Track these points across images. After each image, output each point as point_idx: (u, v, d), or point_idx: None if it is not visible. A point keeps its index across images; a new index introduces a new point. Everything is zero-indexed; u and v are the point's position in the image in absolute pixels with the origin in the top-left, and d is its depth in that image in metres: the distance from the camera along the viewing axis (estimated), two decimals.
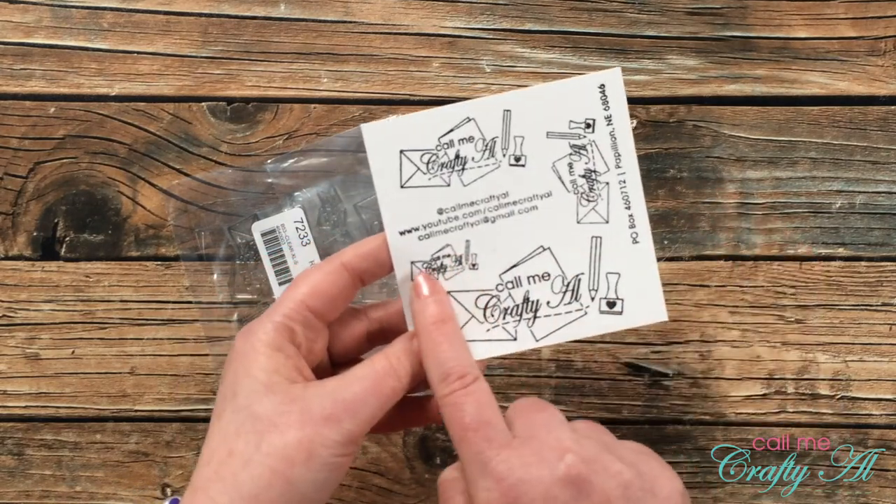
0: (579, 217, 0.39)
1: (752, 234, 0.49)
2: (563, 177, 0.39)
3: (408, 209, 0.39)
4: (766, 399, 0.49)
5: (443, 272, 0.40)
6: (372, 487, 0.49)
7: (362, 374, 0.36)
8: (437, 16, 0.50)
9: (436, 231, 0.39)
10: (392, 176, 0.39)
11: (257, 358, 0.36)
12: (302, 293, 0.37)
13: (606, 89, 0.39)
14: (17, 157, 0.50)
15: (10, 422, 0.49)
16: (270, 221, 0.48)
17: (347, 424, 0.35)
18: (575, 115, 0.39)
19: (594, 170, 0.39)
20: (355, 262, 0.38)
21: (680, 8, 0.50)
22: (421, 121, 0.39)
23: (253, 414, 0.35)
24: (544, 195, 0.39)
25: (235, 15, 0.50)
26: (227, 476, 0.34)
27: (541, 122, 0.39)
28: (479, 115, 0.39)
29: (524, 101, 0.39)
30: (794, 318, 0.49)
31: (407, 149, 0.39)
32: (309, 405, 0.35)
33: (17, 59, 0.50)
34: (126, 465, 0.49)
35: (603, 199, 0.39)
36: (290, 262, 0.48)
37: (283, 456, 0.34)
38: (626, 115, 0.39)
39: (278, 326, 0.36)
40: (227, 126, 0.50)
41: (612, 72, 0.39)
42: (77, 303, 0.49)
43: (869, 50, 0.50)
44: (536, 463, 0.32)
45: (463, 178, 0.39)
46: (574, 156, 0.39)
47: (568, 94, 0.39)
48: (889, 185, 0.49)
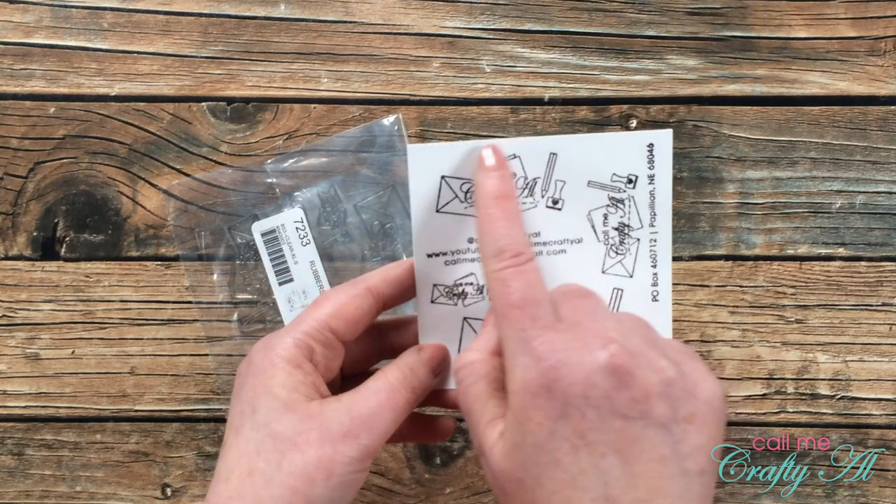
0: (605, 267, 0.40)
1: (752, 234, 0.49)
2: (597, 226, 0.40)
3: (439, 234, 0.39)
4: (766, 399, 0.49)
5: (463, 298, 0.40)
6: (372, 487, 0.49)
7: (377, 388, 0.36)
8: (437, 16, 0.50)
9: (462, 259, 0.40)
10: (429, 199, 0.39)
11: (276, 374, 0.35)
12: (326, 313, 0.37)
13: (655, 149, 0.39)
14: (17, 157, 0.50)
15: (10, 422, 0.49)
16: (270, 221, 0.48)
17: (364, 439, 0.35)
18: (619, 168, 0.40)
19: (628, 224, 0.40)
20: (381, 287, 0.38)
21: (680, 8, 0.50)
22: (467, 150, 0.39)
23: (273, 433, 0.34)
24: (575, 241, 0.40)
25: (235, 15, 0.50)
26: (247, 495, 0.34)
27: (584, 171, 0.39)
28: (525, 153, 0.39)
29: (572, 147, 0.39)
30: (794, 318, 0.49)
31: (449, 175, 0.39)
32: (327, 422, 0.35)
33: (17, 59, 0.50)
34: (126, 465, 0.49)
35: (631, 253, 0.40)
36: (290, 262, 0.48)
37: (303, 475, 0.34)
38: (669, 177, 0.39)
39: (298, 343, 0.36)
40: (227, 126, 0.50)
41: (663, 133, 0.39)
42: (77, 303, 0.49)
43: (869, 50, 0.50)
44: (580, 348, 0.31)
45: None
46: (611, 208, 0.40)
47: (616, 147, 0.39)
48: (889, 185, 0.49)
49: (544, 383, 0.31)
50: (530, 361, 0.31)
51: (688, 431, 0.31)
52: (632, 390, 0.30)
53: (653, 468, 0.30)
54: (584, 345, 0.31)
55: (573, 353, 0.31)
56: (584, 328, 0.32)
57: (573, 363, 0.31)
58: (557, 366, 0.31)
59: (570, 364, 0.31)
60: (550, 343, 0.32)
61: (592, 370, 0.31)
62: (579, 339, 0.32)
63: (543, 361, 0.31)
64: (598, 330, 0.32)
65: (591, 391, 0.30)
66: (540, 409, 0.31)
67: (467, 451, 0.49)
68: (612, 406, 0.30)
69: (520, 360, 0.32)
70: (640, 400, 0.30)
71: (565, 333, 0.32)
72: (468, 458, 0.49)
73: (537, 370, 0.31)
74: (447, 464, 0.49)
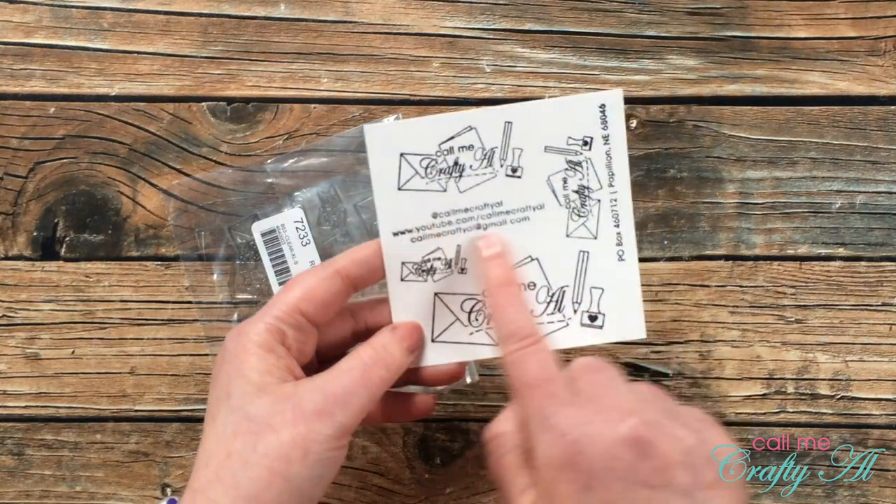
0: (569, 231, 0.40)
1: (752, 234, 0.49)
2: (557, 191, 0.40)
3: (403, 211, 0.40)
4: (766, 399, 0.49)
5: (432, 274, 0.40)
6: (372, 487, 0.49)
7: (350, 366, 0.37)
8: (437, 16, 0.50)
9: (428, 234, 0.40)
10: (390, 177, 0.40)
11: (248, 358, 0.36)
12: (295, 297, 0.37)
13: (606, 109, 0.40)
14: (17, 157, 0.50)
15: (10, 422, 0.49)
16: (270, 221, 0.48)
17: (339, 417, 0.35)
18: (573, 132, 0.40)
19: (587, 186, 0.40)
20: (350, 268, 0.39)
21: (680, 8, 0.50)
22: (423, 126, 0.40)
23: (248, 415, 0.35)
24: (537, 207, 0.40)
25: (235, 15, 0.50)
26: (226, 477, 0.34)
27: (540, 137, 0.40)
28: (480, 124, 0.40)
29: (526, 114, 0.40)
30: (794, 318, 0.49)
31: (407, 152, 0.40)
32: (301, 402, 0.35)
33: (17, 59, 0.50)
34: (126, 465, 0.49)
35: (593, 215, 0.40)
36: (290, 262, 0.48)
37: (279, 455, 0.34)
38: (623, 136, 0.40)
39: (270, 328, 0.37)
40: (227, 126, 0.50)
41: (613, 92, 0.40)
42: (77, 303, 0.49)
43: (869, 50, 0.50)
44: (599, 421, 0.32)
45: (459, 184, 0.40)
46: (569, 171, 0.40)
47: (569, 111, 0.40)
48: (889, 185, 0.49)
49: (568, 458, 0.32)
50: (553, 437, 0.32)
51: (711, 498, 0.31)
52: (654, 460, 0.31)
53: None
54: (604, 418, 0.32)
55: (594, 427, 0.32)
56: (603, 401, 0.33)
57: (595, 437, 0.32)
58: (580, 439, 0.32)
59: (592, 438, 0.32)
60: (570, 418, 0.33)
61: (614, 443, 0.31)
62: (599, 412, 0.33)
63: (565, 436, 0.32)
64: (616, 402, 0.33)
65: (614, 463, 0.31)
66: (566, 483, 0.32)
67: (467, 451, 0.49)
68: (636, 477, 0.31)
69: (543, 437, 0.33)
70: (662, 469, 0.31)
71: (584, 407, 0.33)
72: (468, 458, 0.49)
73: (560, 446, 0.32)
74: (447, 464, 0.49)
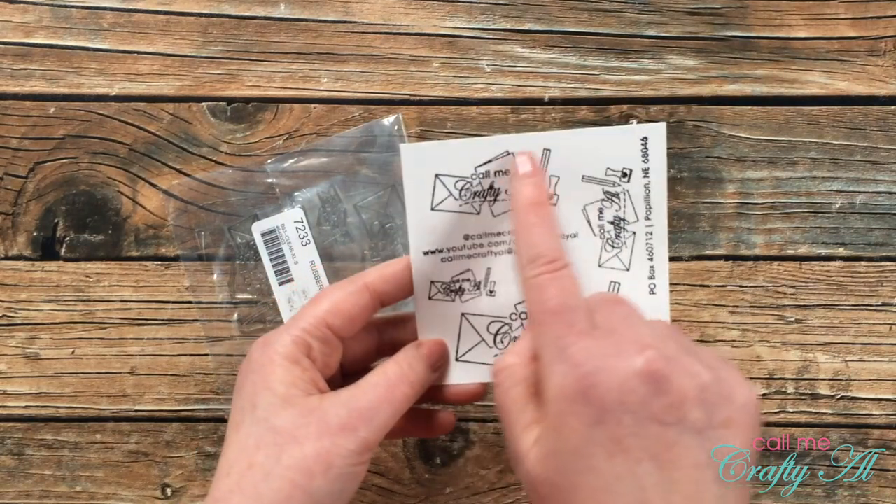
0: (601, 261, 0.40)
1: (752, 234, 0.49)
2: (592, 220, 0.40)
3: (435, 231, 0.40)
4: (766, 399, 0.49)
5: (460, 294, 0.40)
6: (372, 487, 0.49)
7: (375, 382, 0.37)
8: (437, 16, 0.50)
9: (459, 255, 0.40)
10: (424, 197, 0.40)
11: (275, 370, 0.36)
12: (323, 310, 0.37)
13: (649, 142, 0.39)
14: (17, 157, 0.50)
15: (10, 422, 0.49)
16: (270, 221, 0.48)
17: (363, 433, 0.35)
18: (613, 163, 0.39)
19: (623, 218, 0.40)
20: (378, 284, 0.39)
21: (680, 8, 0.50)
22: (460, 148, 0.40)
23: (272, 427, 0.35)
24: (571, 235, 0.40)
25: (235, 15, 0.50)
26: (247, 488, 0.34)
27: (578, 165, 0.40)
28: (518, 150, 0.39)
29: (565, 142, 0.39)
30: (794, 318, 0.49)
31: (443, 173, 0.40)
32: (325, 416, 0.35)
33: (17, 59, 0.50)
34: (126, 465, 0.49)
35: (627, 247, 0.40)
36: (291, 262, 0.48)
37: (302, 468, 0.34)
38: (664, 170, 0.39)
39: (296, 340, 0.37)
40: (227, 126, 0.50)
41: (657, 126, 0.39)
42: (77, 303, 0.49)
43: (869, 50, 0.50)
44: (616, 354, 0.31)
45: (493, 208, 0.40)
46: (606, 202, 0.40)
47: (609, 141, 0.39)
48: (889, 185, 0.49)
49: (581, 389, 0.31)
50: (567, 368, 0.32)
51: (723, 437, 0.31)
52: (668, 396, 0.30)
53: (689, 474, 0.30)
54: (620, 351, 0.31)
55: (610, 360, 0.31)
56: (620, 335, 0.33)
57: (610, 369, 0.31)
58: (594, 372, 0.31)
59: (607, 370, 0.31)
60: (587, 349, 0.32)
61: (629, 376, 0.31)
62: (615, 345, 0.32)
63: (580, 368, 0.31)
64: (633, 336, 0.32)
65: (627, 397, 0.30)
66: (576, 415, 0.31)
67: (467, 451, 0.49)
68: (649, 412, 0.30)
69: (556, 367, 0.32)
70: (676, 405, 0.30)
71: (602, 340, 0.32)
72: (468, 458, 0.49)
73: (574, 376, 0.31)
74: (447, 464, 0.49)
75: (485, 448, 0.49)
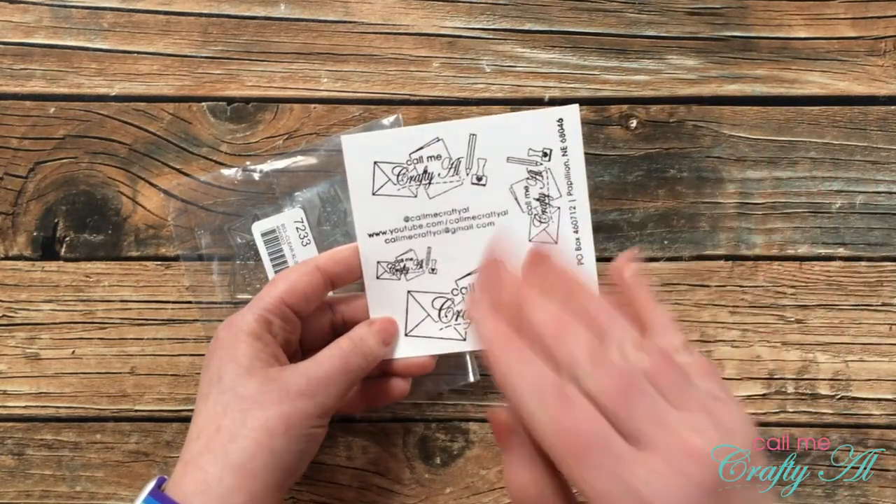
0: (531, 235, 0.44)
1: (752, 234, 0.49)
2: (519, 198, 0.44)
3: (377, 214, 0.44)
4: (766, 399, 0.49)
5: (405, 273, 0.44)
6: (372, 487, 0.49)
7: (331, 355, 0.41)
8: (437, 16, 0.50)
9: (401, 236, 0.44)
10: (365, 183, 0.44)
11: (239, 346, 0.40)
12: (280, 290, 0.41)
13: (564, 123, 0.44)
14: (17, 157, 0.50)
15: (10, 422, 0.49)
16: (270, 221, 0.48)
17: (320, 398, 0.39)
18: (534, 143, 0.44)
19: (547, 195, 0.44)
20: (329, 266, 0.43)
21: (680, 8, 0.50)
22: (394, 137, 0.44)
23: (238, 395, 0.39)
24: (501, 213, 0.44)
25: (235, 15, 0.50)
26: (216, 448, 0.38)
27: (502, 148, 0.44)
28: (447, 136, 0.44)
29: (489, 127, 0.44)
30: (794, 318, 0.49)
31: (380, 161, 0.44)
32: (286, 384, 0.39)
33: (17, 59, 0.50)
34: (126, 465, 0.49)
35: (554, 221, 0.44)
36: (291, 262, 0.48)
37: (265, 429, 0.38)
38: (580, 148, 0.44)
39: (258, 318, 0.40)
40: (227, 126, 0.50)
41: (569, 108, 0.44)
42: (77, 303, 0.49)
43: (869, 50, 0.50)
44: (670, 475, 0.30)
45: (429, 191, 0.44)
46: (531, 180, 0.44)
47: (528, 123, 0.44)
48: (889, 185, 0.49)
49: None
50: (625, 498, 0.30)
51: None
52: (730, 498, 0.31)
53: None
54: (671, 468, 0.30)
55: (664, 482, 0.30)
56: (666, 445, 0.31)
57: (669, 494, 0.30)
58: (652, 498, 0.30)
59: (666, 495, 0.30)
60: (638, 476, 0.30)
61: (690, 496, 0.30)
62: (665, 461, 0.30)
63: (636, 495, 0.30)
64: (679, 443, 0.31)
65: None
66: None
67: (467, 451, 0.49)
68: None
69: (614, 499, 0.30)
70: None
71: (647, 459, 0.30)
72: (468, 458, 0.49)
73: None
74: (447, 464, 0.49)
75: (485, 448, 0.49)
